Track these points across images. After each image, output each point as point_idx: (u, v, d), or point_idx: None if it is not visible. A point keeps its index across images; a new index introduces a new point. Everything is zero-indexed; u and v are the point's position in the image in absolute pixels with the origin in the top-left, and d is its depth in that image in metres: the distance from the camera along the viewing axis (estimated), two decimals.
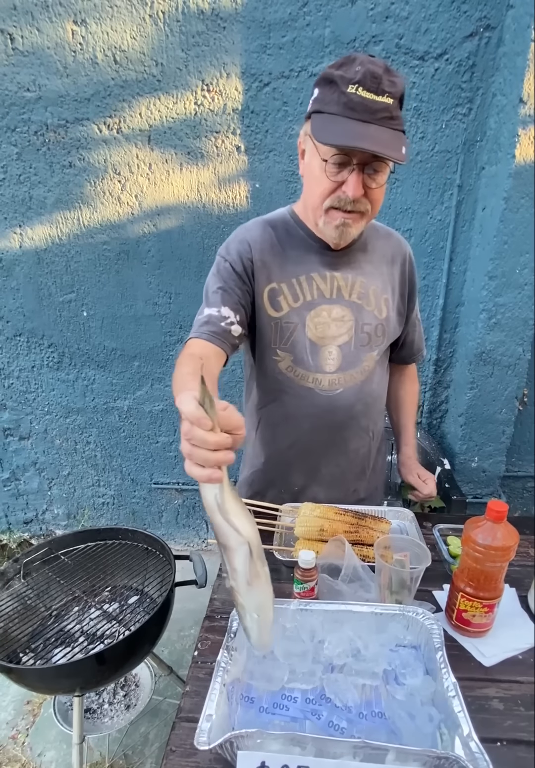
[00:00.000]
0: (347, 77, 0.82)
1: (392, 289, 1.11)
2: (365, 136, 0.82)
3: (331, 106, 0.85)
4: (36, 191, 1.89)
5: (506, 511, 0.79)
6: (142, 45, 1.69)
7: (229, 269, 1.03)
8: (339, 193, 0.91)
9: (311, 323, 1.06)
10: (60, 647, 1.18)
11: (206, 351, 0.94)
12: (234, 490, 0.58)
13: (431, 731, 0.63)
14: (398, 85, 0.84)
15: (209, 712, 0.64)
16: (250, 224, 1.09)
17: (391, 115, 0.84)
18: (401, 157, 0.84)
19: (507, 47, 1.58)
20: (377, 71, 0.81)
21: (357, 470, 1.22)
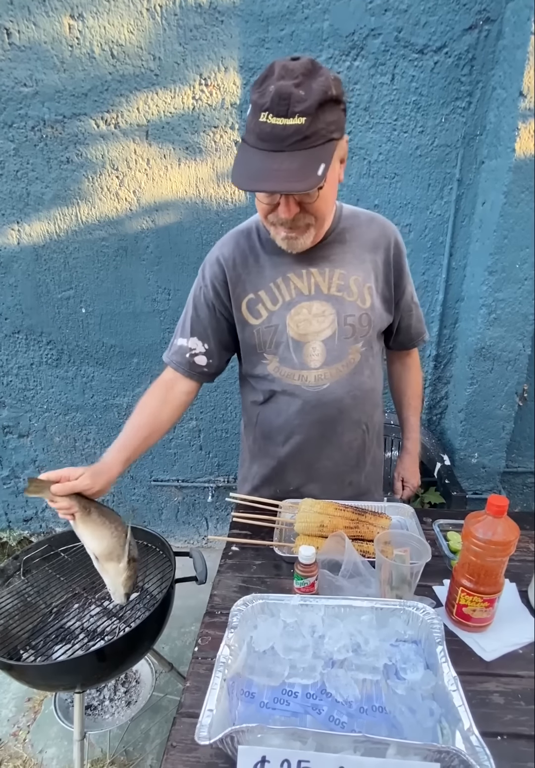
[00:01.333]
0: (260, 103, 0.80)
1: (376, 276, 1.10)
2: (271, 174, 0.81)
3: (249, 136, 0.85)
4: (33, 187, 1.88)
5: (506, 505, 0.79)
6: (140, 39, 1.68)
7: (201, 299, 1.11)
8: (276, 212, 0.91)
9: (291, 322, 1.07)
10: (60, 644, 1.18)
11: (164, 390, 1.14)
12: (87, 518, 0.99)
13: (432, 725, 0.63)
14: (315, 93, 0.79)
15: (210, 707, 0.64)
16: (225, 238, 1.12)
17: (303, 136, 0.80)
18: (307, 185, 0.81)
19: (507, 40, 1.57)
20: (286, 91, 0.78)
21: (352, 463, 1.22)
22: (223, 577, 1.01)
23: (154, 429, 1.12)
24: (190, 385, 1.16)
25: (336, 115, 0.84)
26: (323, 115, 0.81)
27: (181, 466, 2.37)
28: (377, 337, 1.15)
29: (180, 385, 1.15)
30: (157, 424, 1.13)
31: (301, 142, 0.81)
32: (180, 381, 1.15)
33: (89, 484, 0.96)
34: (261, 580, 0.99)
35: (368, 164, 1.79)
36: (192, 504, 2.45)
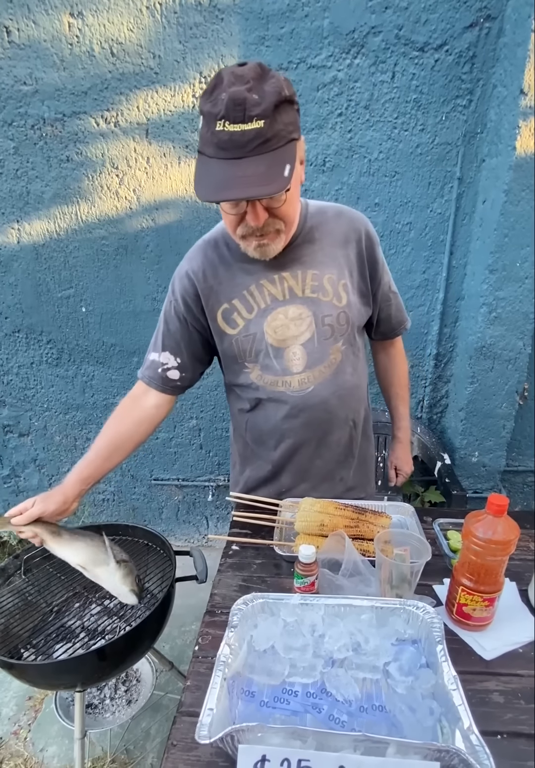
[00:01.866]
0: (213, 113, 0.79)
1: (350, 271, 1.08)
2: (235, 181, 0.80)
3: (207, 147, 0.83)
4: (33, 186, 1.88)
5: (506, 504, 0.78)
6: (140, 37, 1.67)
7: (172, 314, 1.11)
8: (245, 223, 0.90)
9: (269, 329, 1.06)
10: (61, 643, 1.18)
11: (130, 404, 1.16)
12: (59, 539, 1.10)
13: (432, 724, 0.63)
14: (269, 96, 0.78)
15: (210, 706, 0.64)
16: (193, 251, 1.10)
17: (265, 139, 0.79)
18: (276, 188, 0.81)
19: (508, 38, 1.57)
20: (239, 96, 0.77)
21: (342, 459, 1.22)
22: (224, 576, 1.01)
23: (117, 446, 1.14)
24: (162, 398, 1.16)
25: (292, 116, 0.83)
26: (280, 117, 0.80)
27: (182, 465, 2.37)
28: (357, 333, 1.14)
29: (149, 400, 1.15)
30: (121, 441, 1.14)
31: (262, 145, 0.79)
32: (150, 395, 1.15)
33: (41, 508, 1.04)
34: (261, 579, 0.99)
35: (369, 162, 1.79)
36: (192, 503, 2.46)
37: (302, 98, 1.71)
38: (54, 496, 1.06)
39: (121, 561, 1.14)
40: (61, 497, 1.07)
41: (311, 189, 1.84)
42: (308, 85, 1.69)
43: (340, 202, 1.83)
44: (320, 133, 1.75)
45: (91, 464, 1.12)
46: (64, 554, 1.11)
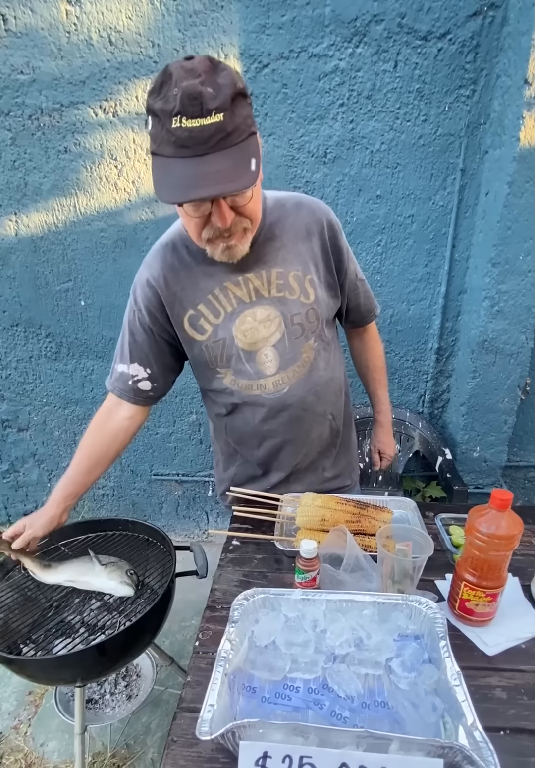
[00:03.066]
0: (167, 109, 0.73)
1: (315, 265, 1.05)
2: (201, 180, 0.76)
3: (163, 147, 0.77)
4: (31, 177, 1.86)
5: (510, 499, 0.78)
6: (138, 25, 1.65)
7: (137, 323, 1.06)
8: (210, 225, 0.86)
9: (238, 333, 1.03)
10: (61, 638, 1.17)
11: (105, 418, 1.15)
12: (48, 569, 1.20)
13: (435, 720, 0.62)
14: (225, 88, 0.74)
15: (211, 702, 0.63)
16: (150, 257, 1.05)
17: (226, 132, 0.75)
18: (244, 183, 0.77)
19: (512, 26, 1.54)
20: (194, 90, 0.72)
21: (323, 450, 1.22)
22: (224, 572, 1.00)
23: (97, 460, 1.14)
24: (134, 409, 1.14)
25: (248, 110, 0.80)
26: (237, 110, 0.76)
27: (182, 461, 2.36)
28: (326, 327, 1.11)
29: (122, 412, 1.13)
30: (100, 455, 1.14)
31: (224, 140, 0.75)
32: (122, 407, 1.13)
33: (31, 533, 1.10)
34: (262, 575, 0.98)
35: (371, 154, 1.77)
36: (192, 498, 2.45)
37: (303, 88, 1.69)
38: (40, 519, 1.11)
39: (107, 563, 1.21)
40: (47, 519, 1.11)
41: (311, 181, 1.82)
42: (309, 75, 1.67)
43: (341, 194, 1.83)
44: (321, 123, 1.73)
45: (73, 481, 1.14)
46: (53, 579, 1.21)
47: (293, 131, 1.74)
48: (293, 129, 1.74)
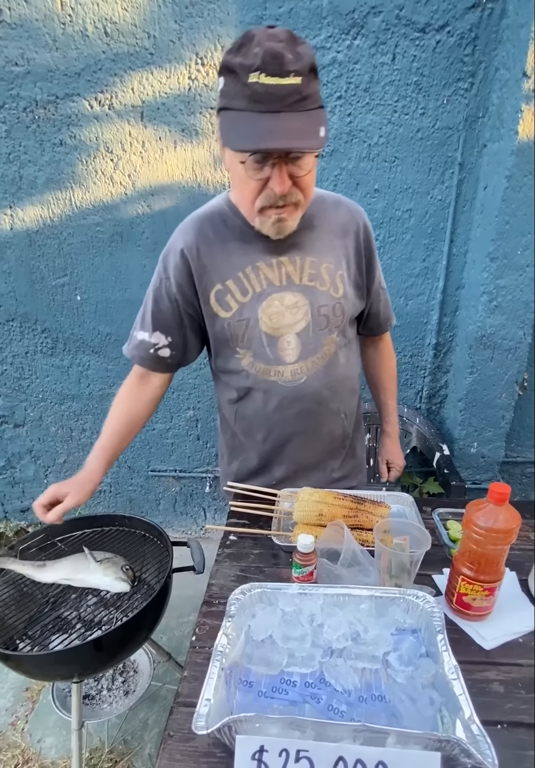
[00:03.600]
0: (247, 64, 0.75)
1: (347, 262, 1.06)
2: (275, 132, 0.77)
3: (236, 101, 0.78)
4: (26, 170, 1.84)
5: (508, 493, 0.77)
6: (134, 16, 1.63)
7: (163, 291, 1.06)
8: (267, 191, 0.87)
9: (263, 315, 1.02)
10: (57, 634, 1.17)
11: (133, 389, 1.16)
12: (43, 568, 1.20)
13: (432, 714, 0.62)
14: (305, 57, 0.77)
15: (207, 696, 0.63)
16: (186, 224, 1.05)
17: (301, 96, 0.77)
18: (316, 144, 0.79)
19: (511, 19, 1.53)
20: (277, 49, 0.74)
21: (333, 451, 1.21)
22: (221, 567, 1.00)
23: (131, 428, 1.16)
24: (161, 378, 1.16)
25: (318, 86, 0.82)
26: (312, 81, 0.79)
27: (179, 457, 2.36)
28: (350, 325, 1.12)
29: (152, 380, 1.15)
30: (134, 420, 1.16)
31: (299, 102, 0.77)
32: (150, 376, 1.15)
33: (77, 501, 1.07)
34: (259, 570, 0.98)
35: (368, 147, 1.76)
36: (190, 494, 2.44)
37: None
38: (85, 486, 1.09)
39: (102, 560, 1.20)
40: (91, 486, 1.10)
41: None
42: None
43: (339, 187, 1.82)
44: None
45: (112, 447, 1.14)
46: (49, 578, 1.21)
47: None
48: None
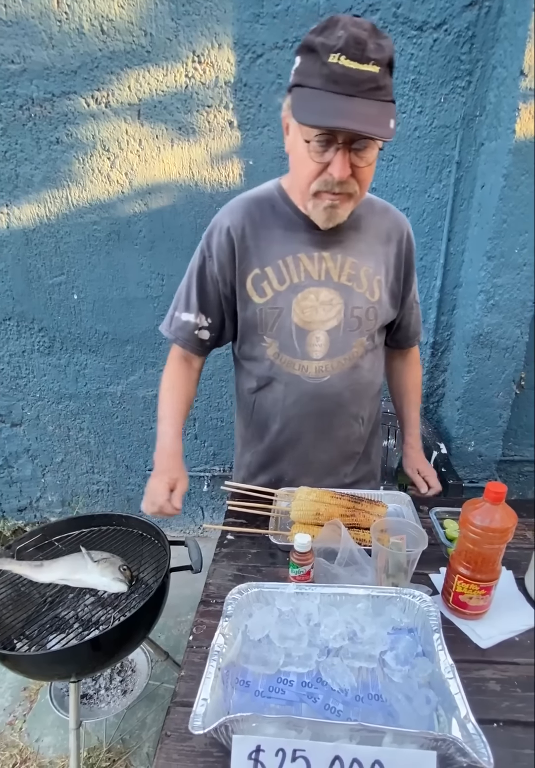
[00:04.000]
0: (329, 44, 0.75)
1: (386, 269, 1.06)
2: (348, 114, 0.76)
3: (312, 79, 0.78)
4: (22, 168, 1.83)
5: (504, 492, 0.77)
6: (130, 14, 1.62)
7: (207, 270, 1.05)
8: (325, 176, 0.86)
9: (297, 307, 1.02)
10: (55, 633, 1.17)
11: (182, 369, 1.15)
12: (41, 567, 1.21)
13: (429, 713, 0.62)
14: (386, 49, 0.77)
15: (204, 696, 0.63)
16: (234, 204, 1.05)
17: (378, 85, 0.77)
18: (387, 133, 0.79)
19: (508, 17, 1.53)
20: (361, 36, 0.74)
21: (347, 456, 1.20)
22: (219, 566, 1.00)
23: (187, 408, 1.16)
24: (199, 360, 1.18)
25: (392, 82, 0.82)
26: (388, 75, 0.80)
27: None
28: (379, 332, 1.11)
29: (193, 363, 1.16)
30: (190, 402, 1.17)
31: (374, 91, 0.77)
32: (191, 359, 1.15)
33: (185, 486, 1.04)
34: (256, 569, 0.98)
35: None
36: (188, 494, 2.42)
37: None
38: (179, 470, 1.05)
39: (100, 560, 1.20)
40: (184, 470, 1.06)
41: None
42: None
43: None
44: None
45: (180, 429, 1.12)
46: (46, 578, 1.21)
47: None
48: None
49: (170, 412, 1.11)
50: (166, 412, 1.11)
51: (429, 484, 1.23)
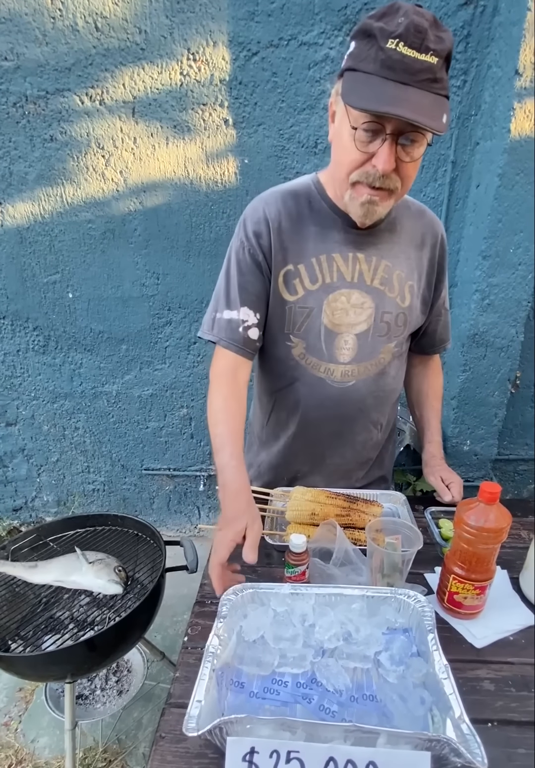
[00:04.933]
0: (388, 30, 0.72)
1: (419, 274, 1.04)
2: (402, 101, 0.73)
3: (366, 64, 0.75)
4: (16, 166, 1.81)
5: (498, 492, 0.78)
6: (125, 11, 1.61)
7: (248, 260, 0.98)
8: (368, 167, 0.82)
9: (327, 308, 0.99)
10: (50, 634, 1.17)
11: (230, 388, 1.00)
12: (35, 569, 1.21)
13: (423, 714, 0.62)
14: (446, 41, 0.74)
15: (198, 698, 0.63)
16: (268, 195, 0.99)
17: (434, 77, 0.74)
18: (440, 126, 0.75)
19: (503, 16, 1.53)
20: (422, 24, 0.71)
21: (362, 461, 1.19)
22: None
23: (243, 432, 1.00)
24: (246, 370, 1.03)
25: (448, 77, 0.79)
26: (445, 69, 0.77)
27: (173, 455, 2.35)
28: (407, 338, 1.10)
29: (241, 372, 1.02)
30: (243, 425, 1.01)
31: (430, 83, 0.74)
32: (239, 365, 1.01)
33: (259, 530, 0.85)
34: (252, 569, 0.97)
35: None
36: (184, 493, 2.44)
37: (293, 77, 1.66)
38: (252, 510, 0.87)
39: (95, 561, 1.20)
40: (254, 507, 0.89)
41: (302, 172, 1.79)
42: (299, 63, 1.64)
43: None
44: (311, 113, 1.71)
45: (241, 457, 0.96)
46: (41, 579, 1.21)
47: (283, 121, 1.72)
48: (283, 119, 1.71)
49: (228, 439, 0.95)
50: (224, 441, 0.95)
51: (452, 492, 1.13)
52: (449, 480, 1.16)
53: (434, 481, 1.17)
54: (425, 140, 0.81)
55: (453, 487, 1.14)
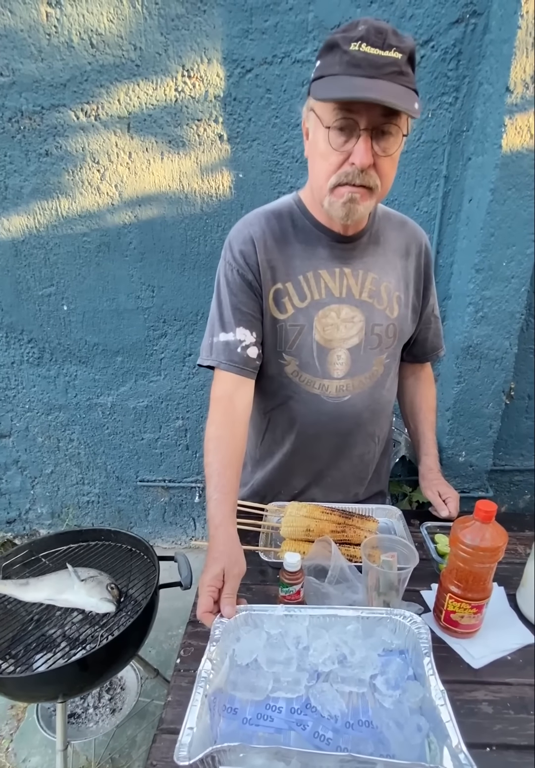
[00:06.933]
0: (349, 36, 0.75)
1: (406, 284, 1.04)
2: (370, 88, 0.73)
3: (332, 68, 0.77)
4: (12, 180, 1.82)
5: (494, 511, 0.77)
6: (120, 28, 1.62)
7: (238, 281, 0.98)
8: (346, 167, 0.82)
9: (318, 325, 0.99)
10: (41, 653, 1.14)
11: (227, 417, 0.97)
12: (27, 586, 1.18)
13: (420, 741, 0.61)
14: (407, 41, 0.76)
15: (190, 725, 0.61)
16: (251, 217, 1.00)
17: (400, 70, 0.75)
18: (413, 110, 0.75)
19: (494, 34, 1.55)
20: (382, 26, 0.74)
21: (360, 475, 1.19)
22: None
23: (240, 458, 0.98)
24: (250, 386, 1.00)
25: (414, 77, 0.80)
26: (410, 66, 0.78)
27: (168, 466, 2.33)
28: (398, 349, 1.10)
29: (241, 394, 0.98)
30: (240, 449, 0.98)
31: (397, 75, 0.75)
32: (238, 385, 0.98)
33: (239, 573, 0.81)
34: (246, 587, 0.96)
35: None
36: (179, 504, 2.42)
37: (287, 93, 1.68)
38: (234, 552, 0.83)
39: (87, 578, 1.18)
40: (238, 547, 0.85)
41: (296, 187, 1.80)
42: (292, 81, 1.66)
43: None
44: None
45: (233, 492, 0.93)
46: (32, 597, 1.18)
47: (277, 137, 1.73)
48: (277, 134, 1.73)
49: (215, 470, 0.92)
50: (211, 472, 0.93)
51: (449, 508, 1.12)
52: (446, 495, 1.15)
53: (431, 496, 1.17)
54: (400, 133, 0.81)
55: (450, 503, 1.13)
